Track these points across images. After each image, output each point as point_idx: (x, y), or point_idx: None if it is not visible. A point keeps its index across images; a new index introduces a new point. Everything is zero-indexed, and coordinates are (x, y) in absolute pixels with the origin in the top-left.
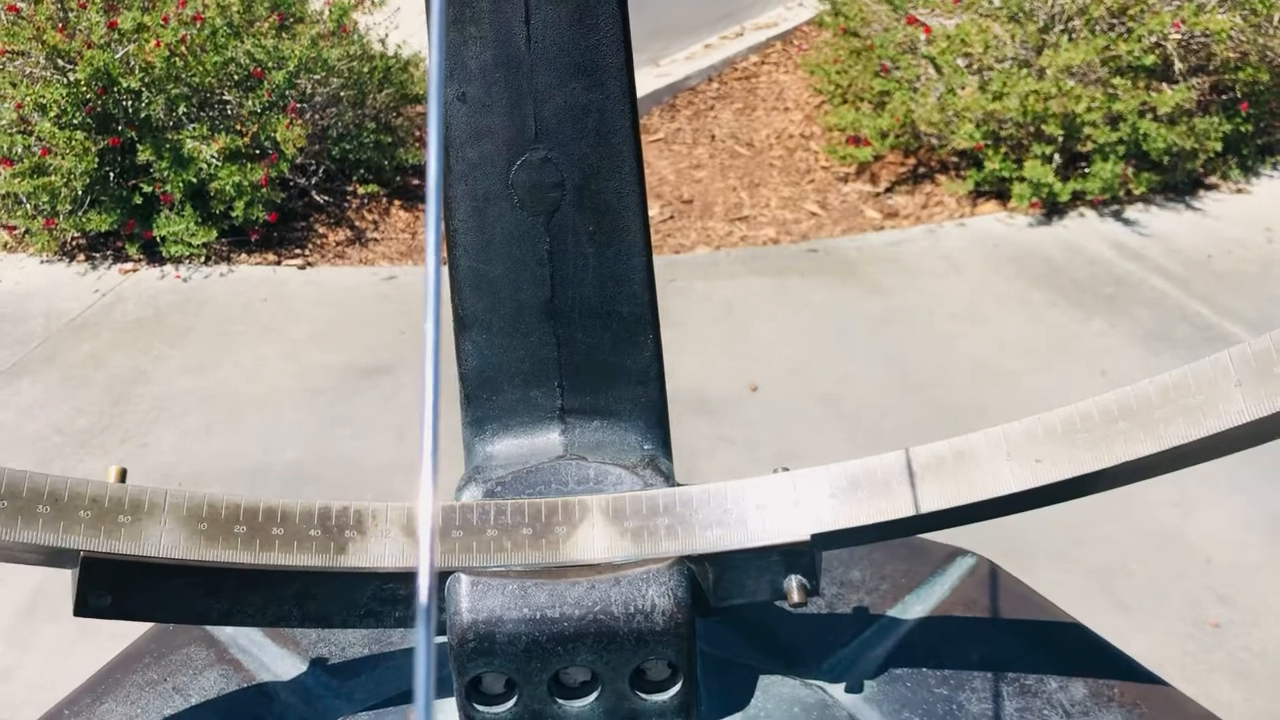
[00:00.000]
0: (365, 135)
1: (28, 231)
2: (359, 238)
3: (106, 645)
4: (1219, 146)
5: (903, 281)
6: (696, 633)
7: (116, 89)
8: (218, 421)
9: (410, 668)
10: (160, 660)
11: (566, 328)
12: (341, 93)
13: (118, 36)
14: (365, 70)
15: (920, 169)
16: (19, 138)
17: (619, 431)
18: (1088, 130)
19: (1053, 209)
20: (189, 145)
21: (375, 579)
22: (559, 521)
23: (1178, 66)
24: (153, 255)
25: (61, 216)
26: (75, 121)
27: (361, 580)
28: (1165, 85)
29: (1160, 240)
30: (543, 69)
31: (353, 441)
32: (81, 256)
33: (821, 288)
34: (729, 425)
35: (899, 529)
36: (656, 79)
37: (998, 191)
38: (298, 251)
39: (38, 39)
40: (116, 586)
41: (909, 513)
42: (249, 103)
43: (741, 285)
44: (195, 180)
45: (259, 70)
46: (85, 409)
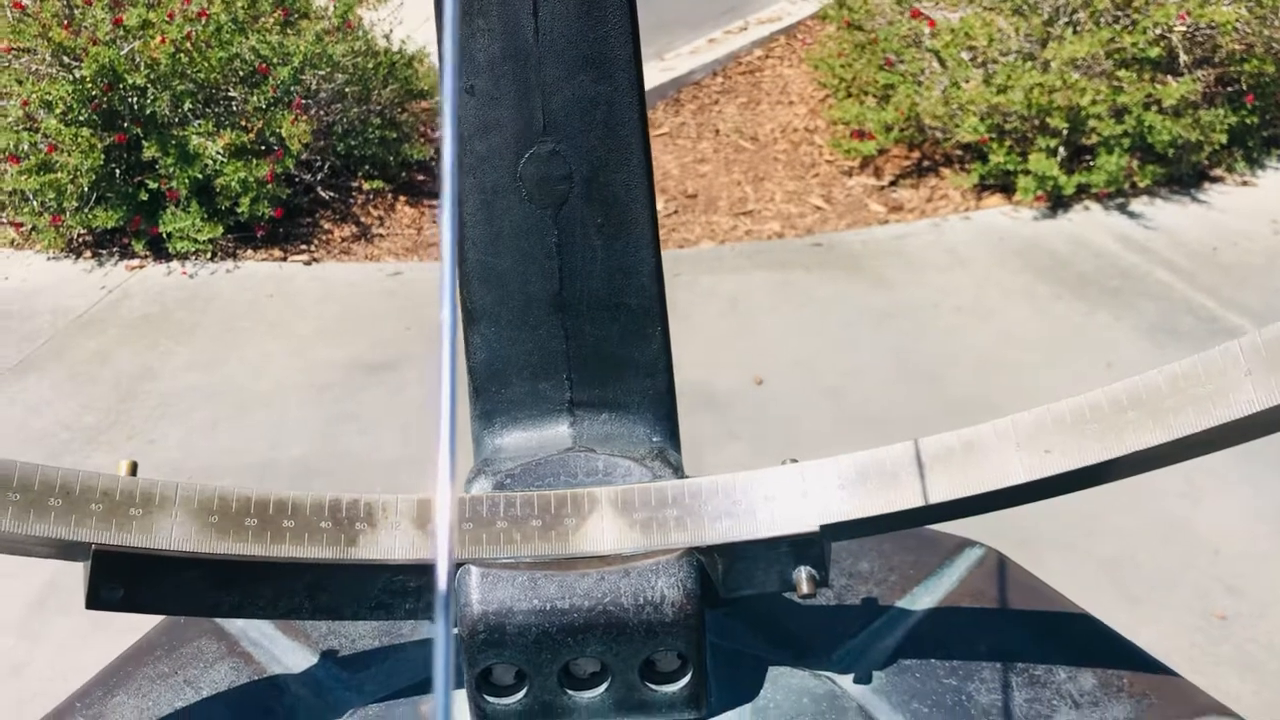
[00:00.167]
0: (370, 131)
1: (34, 228)
2: (364, 234)
3: (118, 639)
4: (1224, 139)
5: (908, 275)
6: (706, 624)
7: (122, 85)
8: (224, 417)
9: (421, 659)
10: (171, 653)
11: (575, 320)
12: (346, 88)
13: (123, 33)
14: (370, 66)
15: (925, 162)
16: (25, 135)
17: (627, 424)
18: (1092, 123)
19: (1058, 202)
20: (194, 141)
21: (386, 571)
22: (568, 513)
23: (1183, 59)
24: (159, 251)
25: (68, 213)
26: (81, 118)
27: (372, 572)
28: (1170, 78)
29: (1165, 233)
30: (551, 61)
31: (359, 437)
32: (88, 253)
33: (826, 282)
34: (735, 420)
35: (908, 520)
36: (661, 73)
37: (1002, 185)
38: (303, 247)
39: (43, 36)
40: (128, 579)
41: (918, 503)
42: (254, 99)
43: (746, 280)
44: (201, 176)
45: (264, 66)
46: (92, 405)
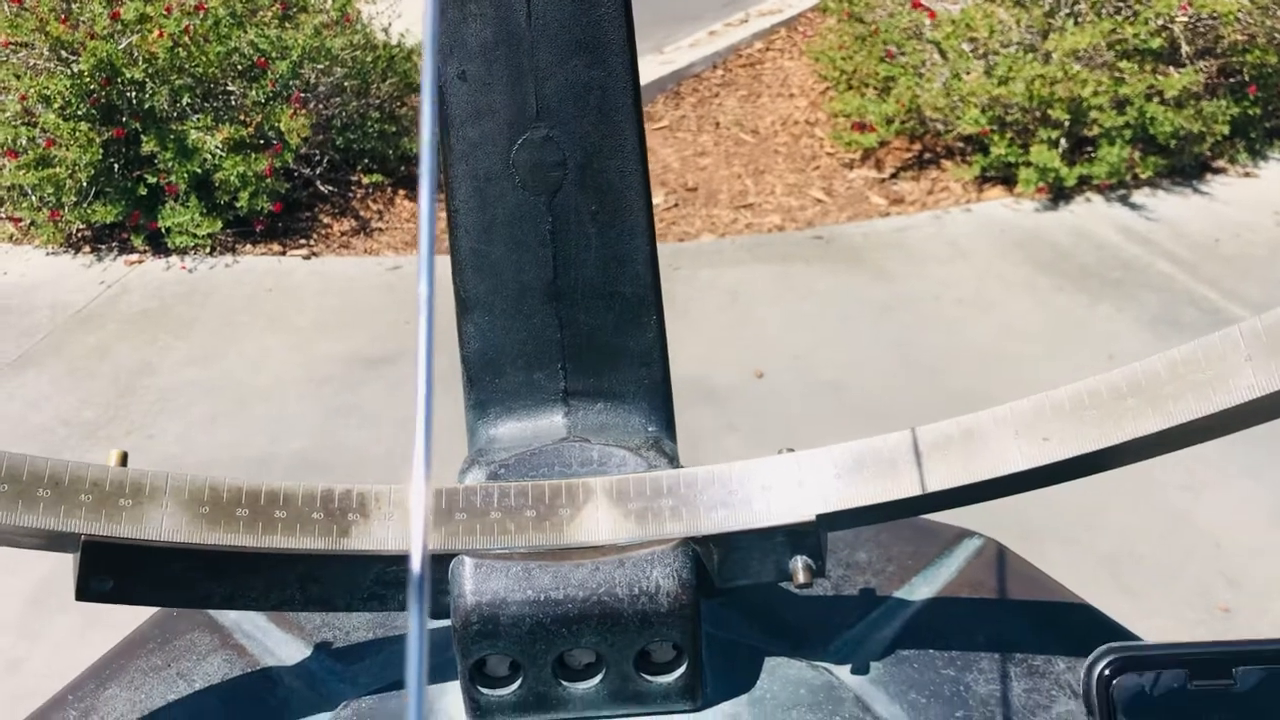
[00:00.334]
0: (369, 125)
1: (33, 223)
2: (363, 228)
3: (113, 635)
4: (1226, 130)
5: (909, 268)
6: (701, 614)
7: (120, 80)
8: (223, 412)
9: None
10: (164, 646)
11: (569, 309)
12: (345, 82)
13: (121, 27)
14: (369, 60)
15: (926, 154)
16: (23, 129)
17: (623, 413)
18: (1094, 114)
19: (1059, 194)
20: (193, 136)
21: (378, 562)
22: (563, 504)
23: (1185, 49)
24: (158, 246)
25: (66, 208)
26: (79, 113)
27: (364, 563)
28: (1172, 68)
29: (1167, 224)
30: (544, 46)
31: (358, 431)
32: (87, 248)
33: (827, 274)
34: (734, 412)
35: (905, 509)
36: (661, 66)
37: (1004, 177)
38: (302, 242)
39: (41, 30)
40: (118, 571)
41: (915, 492)
42: (253, 93)
43: (746, 272)
44: (200, 171)
45: (262, 60)
46: (91, 400)
